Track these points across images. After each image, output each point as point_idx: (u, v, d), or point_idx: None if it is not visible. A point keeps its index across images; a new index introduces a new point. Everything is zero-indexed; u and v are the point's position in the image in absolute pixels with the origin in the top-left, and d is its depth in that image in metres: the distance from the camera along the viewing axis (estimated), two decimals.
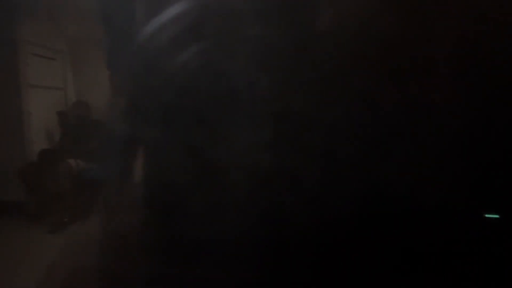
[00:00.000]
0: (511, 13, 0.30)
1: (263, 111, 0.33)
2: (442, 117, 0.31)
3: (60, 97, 3.16)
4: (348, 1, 0.35)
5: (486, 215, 0.31)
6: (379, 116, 0.32)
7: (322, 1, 0.34)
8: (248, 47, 0.34)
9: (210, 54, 0.35)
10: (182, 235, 0.36)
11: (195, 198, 0.36)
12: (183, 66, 0.35)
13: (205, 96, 0.35)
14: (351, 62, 0.33)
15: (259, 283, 0.33)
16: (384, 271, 0.33)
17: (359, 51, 0.33)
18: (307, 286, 0.33)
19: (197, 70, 0.35)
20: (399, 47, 0.32)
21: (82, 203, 2.54)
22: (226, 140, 0.34)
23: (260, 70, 0.33)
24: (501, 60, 0.31)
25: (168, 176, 0.38)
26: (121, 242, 0.47)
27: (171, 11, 0.38)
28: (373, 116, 0.32)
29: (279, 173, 0.33)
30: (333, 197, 0.32)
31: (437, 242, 0.32)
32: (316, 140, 0.32)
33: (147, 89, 0.39)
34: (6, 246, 2.08)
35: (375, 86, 0.32)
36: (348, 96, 0.33)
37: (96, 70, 3.09)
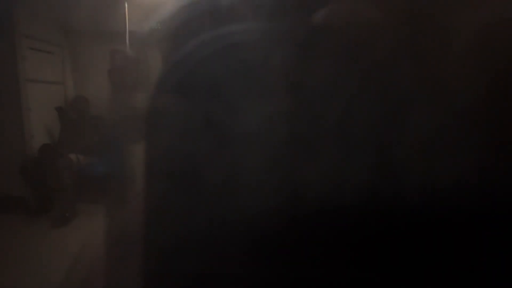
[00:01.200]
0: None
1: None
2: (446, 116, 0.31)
3: (59, 92, 3.15)
4: None
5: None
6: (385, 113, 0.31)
7: None
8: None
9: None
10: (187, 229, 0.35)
11: (200, 195, 0.35)
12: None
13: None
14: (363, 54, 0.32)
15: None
16: (388, 270, 0.32)
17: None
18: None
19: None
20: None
21: (83, 198, 2.54)
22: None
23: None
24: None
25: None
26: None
27: None
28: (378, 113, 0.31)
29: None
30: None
31: (438, 242, 0.31)
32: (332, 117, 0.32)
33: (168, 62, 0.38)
34: (8, 241, 2.08)
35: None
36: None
37: (95, 64, 3.08)
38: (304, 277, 0.32)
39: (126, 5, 2.22)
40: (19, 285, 1.62)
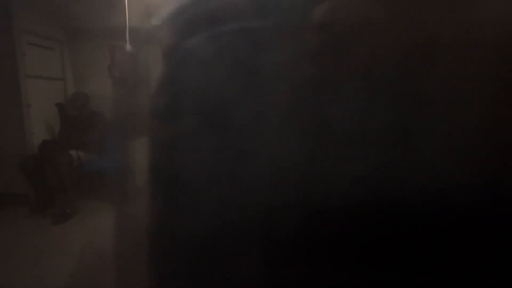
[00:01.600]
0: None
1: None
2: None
3: (59, 88, 3.14)
4: None
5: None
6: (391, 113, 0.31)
7: None
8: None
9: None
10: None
11: (204, 191, 0.34)
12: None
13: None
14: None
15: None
16: (389, 270, 0.32)
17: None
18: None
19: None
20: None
21: (84, 194, 2.54)
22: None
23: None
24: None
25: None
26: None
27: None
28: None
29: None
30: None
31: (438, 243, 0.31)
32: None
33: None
34: (9, 237, 2.09)
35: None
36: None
37: (95, 60, 3.07)
38: (315, 276, 0.32)
39: (126, 0, 2.21)
40: (19, 281, 1.62)
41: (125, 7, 2.19)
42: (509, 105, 0.29)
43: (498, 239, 0.29)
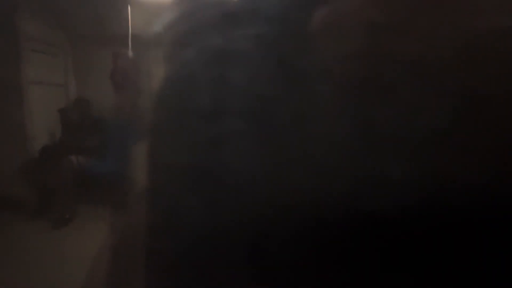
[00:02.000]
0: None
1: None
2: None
3: (61, 94, 3.16)
4: None
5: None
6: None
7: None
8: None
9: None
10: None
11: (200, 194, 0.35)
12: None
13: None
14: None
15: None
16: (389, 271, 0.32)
17: None
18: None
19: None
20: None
21: (84, 200, 2.55)
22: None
23: None
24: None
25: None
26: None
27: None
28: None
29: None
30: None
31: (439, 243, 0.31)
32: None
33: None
34: (9, 242, 2.08)
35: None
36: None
37: (97, 67, 3.09)
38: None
39: (129, 8, 2.24)
40: (18, 284, 1.61)
41: (128, 14, 2.22)
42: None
43: (499, 239, 0.29)
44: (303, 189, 0.32)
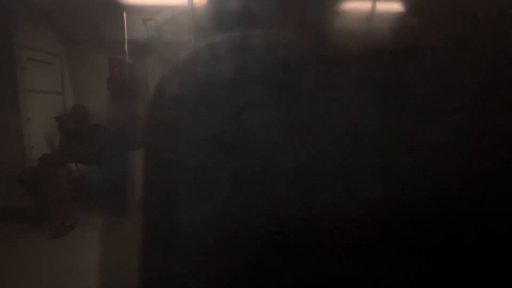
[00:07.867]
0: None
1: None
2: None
3: (59, 102, 3.15)
4: None
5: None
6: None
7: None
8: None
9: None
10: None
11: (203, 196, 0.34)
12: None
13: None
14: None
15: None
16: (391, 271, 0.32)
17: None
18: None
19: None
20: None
21: (83, 207, 2.54)
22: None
23: None
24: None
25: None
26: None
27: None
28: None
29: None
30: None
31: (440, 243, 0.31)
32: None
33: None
34: (8, 250, 2.07)
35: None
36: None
37: (94, 74, 3.09)
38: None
39: (124, 14, 2.24)
40: None
41: (123, 21, 2.22)
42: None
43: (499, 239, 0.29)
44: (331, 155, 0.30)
